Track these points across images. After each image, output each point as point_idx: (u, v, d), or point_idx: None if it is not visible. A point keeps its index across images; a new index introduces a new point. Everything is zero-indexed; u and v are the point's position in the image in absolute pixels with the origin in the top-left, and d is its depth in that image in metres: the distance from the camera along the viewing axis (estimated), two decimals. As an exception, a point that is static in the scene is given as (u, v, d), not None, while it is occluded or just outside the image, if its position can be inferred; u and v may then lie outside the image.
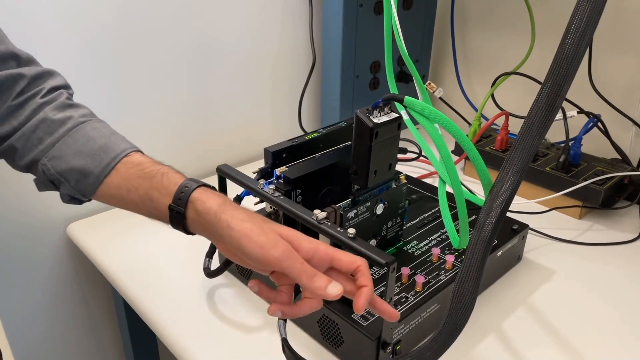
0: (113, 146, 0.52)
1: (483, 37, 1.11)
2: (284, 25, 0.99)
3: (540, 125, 0.52)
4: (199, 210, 0.47)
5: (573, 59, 0.49)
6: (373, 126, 0.53)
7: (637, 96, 0.91)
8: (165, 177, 0.50)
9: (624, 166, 0.86)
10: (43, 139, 0.52)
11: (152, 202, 0.50)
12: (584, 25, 0.48)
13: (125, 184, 0.51)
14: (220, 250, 0.52)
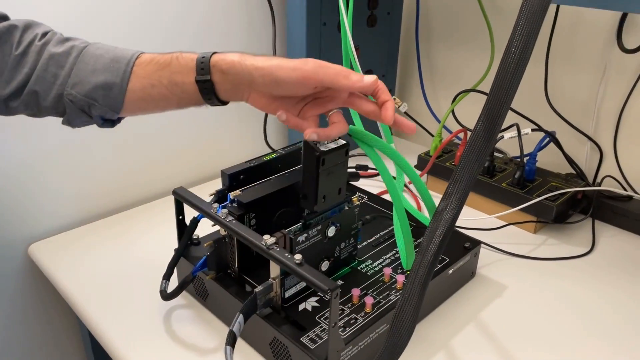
0: (122, 55, 0.55)
1: (447, 52, 1.14)
2: (249, 45, 1.01)
3: (479, 152, 0.54)
4: (223, 69, 0.52)
5: (509, 91, 0.52)
6: (320, 154, 0.54)
7: (592, 112, 0.94)
8: (181, 59, 0.53)
9: (578, 181, 0.89)
10: (57, 73, 0.54)
11: (179, 86, 0.53)
12: (517, 58, 0.51)
13: (148, 82, 0.54)
14: (252, 102, 0.55)
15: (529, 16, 0.50)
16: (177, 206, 0.66)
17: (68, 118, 0.56)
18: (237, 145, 1.07)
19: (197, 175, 1.02)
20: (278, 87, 0.50)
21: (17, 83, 0.53)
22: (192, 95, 0.54)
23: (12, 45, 0.53)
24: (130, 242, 0.82)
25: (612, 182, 0.94)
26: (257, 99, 0.54)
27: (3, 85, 0.53)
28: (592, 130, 0.95)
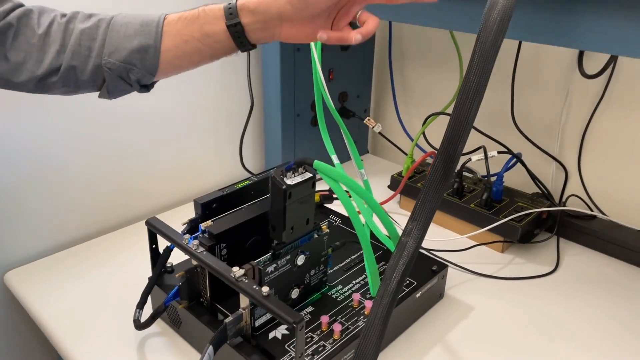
0: (149, 19, 0.57)
1: (420, 73, 1.17)
2: (223, 72, 1.03)
3: (438, 186, 0.57)
4: (251, 8, 0.55)
5: (465, 126, 0.54)
6: (286, 188, 0.56)
7: (557, 133, 0.98)
8: (208, 10, 0.56)
9: (543, 201, 0.92)
10: (91, 46, 0.55)
11: (210, 36, 0.56)
12: (472, 96, 0.54)
13: (181, 38, 0.56)
14: (285, 35, 0.57)
15: (482, 56, 0.53)
16: (151, 236, 0.68)
17: (107, 87, 0.57)
18: (214, 167, 1.09)
19: (174, 198, 1.04)
20: (306, 6, 0.54)
21: (50, 60, 0.55)
22: (225, 42, 0.57)
23: (33, 28, 0.55)
24: (106, 269, 0.83)
25: (577, 201, 0.97)
26: (289, 30, 0.57)
27: (36, 65, 0.54)
28: (557, 151, 0.99)
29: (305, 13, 0.55)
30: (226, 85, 1.04)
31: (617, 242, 0.86)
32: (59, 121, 0.84)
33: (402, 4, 0.58)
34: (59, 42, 0.55)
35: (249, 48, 0.58)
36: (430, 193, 0.57)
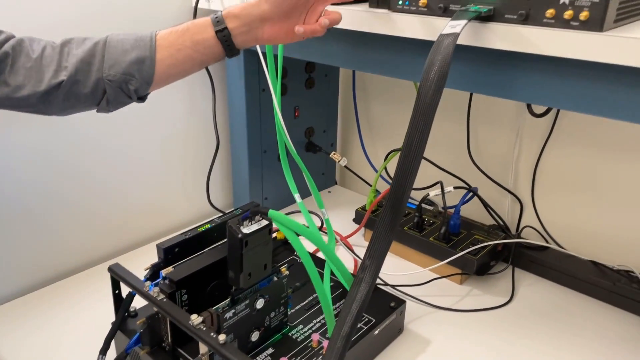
0: (142, 35, 0.63)
1: (383, 109, 1.22)
2: (191, 112, 1.05)
3: (387, 233, 0.60)
4: (235, 13, 0.63)
5: (410, 175, 0.58)
6: (242, 236, 0.59)
7: (511, 167, 1.03)
8: (196, 22, 0.64)
9: (499, 233, 0.97)
10: (92, 62, 0.60)
11: (200, 44, 0.63)
12: (414, 150, 0.57)
13: (174, 47, 0.62)
14: (268, 36, 0.65)
15: (422, 112, 0.57)
16: (113, 282, 0.69)
17: (108, 98, 0.62)
18: (182, 205, 1.11)
19: (142, 235, 1.05)
20: (283, 1, 0.63)
21: (49, 79, 0.58)
22: (214, 48, 0.63)
23: (28, 54, 0.59)
24: (69, 314, 0.83)
25: (533, 232, 1.02)
26: (270, 30, 0.64)
27: (37, 85, 0.58)
28: (511, 184, 1.03)
29: (281, 9, 0.63)
30: (193, 124, 1.07)
31: (568, 272, 0.90)
32: (16, 161, 0.84)
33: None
34: (55, 63, 0.59)
35: (235, 52, 0.65)
36: (379, 241, 0.60)
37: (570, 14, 0.53)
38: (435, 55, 0.56)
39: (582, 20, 0.53)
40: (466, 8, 0.59)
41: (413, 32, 0.66)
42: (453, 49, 0.56)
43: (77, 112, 0.64)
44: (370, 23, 0.70)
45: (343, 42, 0.77)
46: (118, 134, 0.95)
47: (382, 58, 0.74)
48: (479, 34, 0.60)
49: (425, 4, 0.64)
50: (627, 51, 0.50)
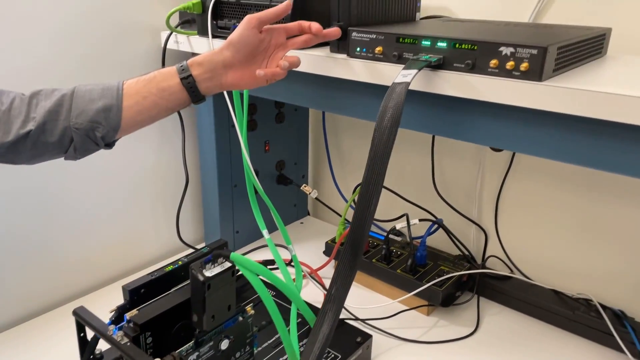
0: (109, 84, 0.64)
1: (352, 142, 1.24)
2: (160, 150, 1.07)
3: (347, 270, 0.62)
4: (199, 61, 0.66)
5: (367, 217, 0.60)
6: (205, 280, 0.60)
7: (475, 198, 1.06)
8: (163, 71, 0.66)
9: (464, 264, 0.99)
10: (59, 111, 0.62)
11: (166, 91, 0.65)
12: (370, 191, 0.60)
13: (140, 95, 0.64)
14: (231, 81, 0.68)
15: (377, 157, 0.59)
16: (78, 325, 0.69)
17: (75, 146, 0.63)
18: (152, 242, 1.11)
19: (113, 272, 1.05)
20: (242, 46, 0.66)
21: (17, 129, 0.60)
22: (179, 94, 0.66)
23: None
24: (32, 357, 0.82)
25: (497, 262, 1.05)
26: (233, 76, 0.67)
27: (5, 136, 0.60)
28: (475, 215, 1.07)
29: (242, 54, 0.66)
30: (163, 160, 1.08)
31: (531, 301, 0.93)
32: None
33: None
34: (24, 114, 0.61)
35: (200, 98, 0.67)
36: (341, 281, 0.62)
37: (512, 64, 0.57)
38: (388, 102, 0.59)
39: (522, 70, 0.56)
40: (417, 57, 0.63)
41: (369, 77, 0.69)
42: (405, 97, 0.59)
43: (45, 161, 0.65)
44: (330, 67, 0.73)
45: (307, 83, 0.80)
46: (85, 170, 0.95)
47: (341, 99, 0.77)
48: (430, 81, 0.63)
49: (381, 52, 0.67)
50: (562, 100, 0.54)
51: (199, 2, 0.87)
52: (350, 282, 0.62)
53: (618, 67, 0.66)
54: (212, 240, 1.14)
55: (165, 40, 0.95)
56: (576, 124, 0.56)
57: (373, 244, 1.06)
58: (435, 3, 0.98)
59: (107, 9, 0.91)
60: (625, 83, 0.56)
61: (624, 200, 0.88)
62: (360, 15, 0.73)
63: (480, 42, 0.58)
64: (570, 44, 0.61)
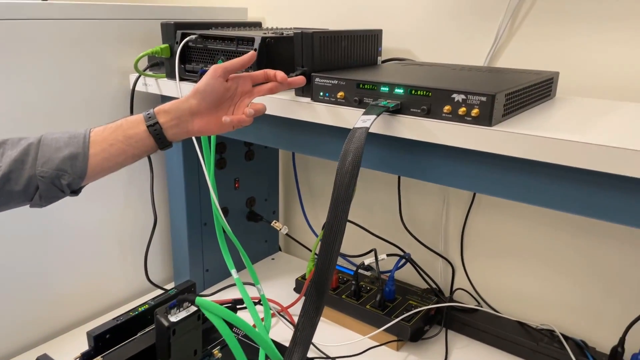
0: (76, 133, 0.65)
1: (322, 177, 1.26)
2: (129, 190, 1.07)
3: (312, 314, 0.62)
4: (166, 109, 0.67)
5: (330, 263, 0.61)
6: (169, 325, 0.60)
7: (440, 231, 1.09)
8: (129, 119, 0.67)
9: (432, 297, 1.01)
10: (25, 160, 0.62)
11: (133, 138, 0.65)
12: (333, 235, 0.61)
13: (106, 143, 0.65)
14: (198, 128, 0.69)
15: (338, 199, 0.61)
16: (40, 375, 0.67)
17: (40, 194, 0.62)
18: (120, 283, 1.10)
19: (75, 318, 1.02)
20: (207, 94, 0.67)
21: None
22: (146, 141, 0.67)
23: None
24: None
25: (465, 294, 1.07)
26: (200, 122, 0.69)
27: None
28: (442, 248, 1.09)
29: (208, 102, 0.68)
30: (131, 199, 1.08)
31: (497, 333, 0.95)
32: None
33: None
34: None
35: (166, 145, 0.68)
36: (305, 325, 0.62)
37: (464, 110, 0.60)
38: (349, 146, 0.62)
39: (473, 116, 0.59)
40: (377, 102, 0.66)
41: (332, 120, 0.71)
42: (364, 141, 0.61)
43: (11, 208, 0.64)
44: (295, 110, 0.75)
45: (274, 125, 0.82)
46: (51, 211, 0.94)
47: (306, 141, 0.79)
48: (390, 125, 0.66)
49: (342, 96, 0.70)
50: (510, 144, 0.57)
51: (167, 46, 0.89)
52: (316, 323, 0.63)
53: (564, 110, 0.70)
54: (181, 279, 1.13)
55: (133, 83, 0.97)
56: (525, 166, 0.59)
57: (343, 280, 1.07)
58: (397, 46, 1.03)
59: (75, 52, 0.92)
60: (569, 127, 0.60)
61: (581, 233, 0.92)
62: (323, 61, 0.76)
63: (434, 89, 0.62)
64: (518, 89, 0.65)
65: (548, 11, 0.86)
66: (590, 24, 0.83)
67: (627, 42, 0.80)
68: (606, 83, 0.83)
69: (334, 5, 1.09)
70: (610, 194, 0.55)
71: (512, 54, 0.91)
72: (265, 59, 0.78)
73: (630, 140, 0.52)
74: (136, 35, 1.00)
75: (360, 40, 0.83)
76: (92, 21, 0.94)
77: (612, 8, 0.80)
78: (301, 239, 1.32)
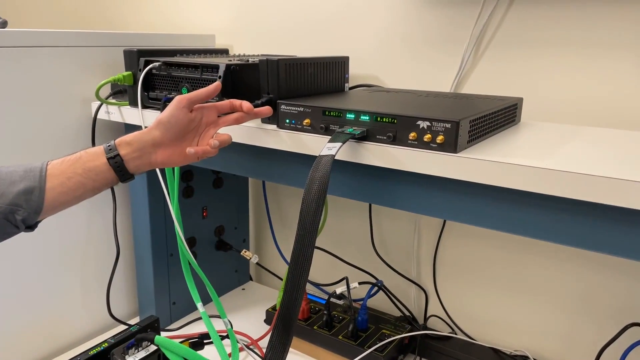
0: (32, 166, 0.61)
1: (293, 202, 1.25)
2: (90, 221, 1.03)
3: (278, 353, 0.60)
4: (128, 141, 0.64)
5: (297, 299, 0.59)
6: (126, 367, 0.56)
7: (413, 257, 1.08)
8: (89, 151, 0.63)
9: (405, 325, 0.99)
10: None
11: (92, 171, 0.62)
12: (301, 264, 0.59)
13: (64, 176, 0.61)
14: (162, 160, 0.66)
15: (304, 227, 0.59)
16: None
17: None
18: (82, 318, 1.04)
19: (32, 356, 0.96)
20: (171, 126, 0.65)
21: None
22: (106, 174, 0.63)
23: None
24: None
25: (439, 321, 1.05)
26: (163, 154, 0.66)
27: None
28: (415, 274, 1.08)
29: (172, 133, 0.66)
30: (93, 232, 1.03)
31: (471, 360, 0.93)
32: None
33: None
34: None
35: (128, 177, 0.65)
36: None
37: (429, 137, 0.60)
38: (315, 173, 0.60)
39: (439, 143, 0.59)
40: (342, 130, 0.65)
41: (298, 147, 0.70)
42: (330, 168, 0.60)
43: None
44: (262, 138, 0.74)
45: (240, 153, 0.81)
46: (7, 243, 0.90)
47: (273, 168, 0.78)
48: (356, 152, 0.65)
49: (309, 124, 0.69)
50: (475, 171, 0.56)
51: (130, 74, 0.87)
52: (283, 358, 0.60)
53: (528, 135, 0.70)
54: (147, 313, 1.08)
55: (95, 110, 0.94)
56: (491, 192, 0.59)
57: (315, 309, 1.04)
58: (364, 72, 1.03)
59: (34, 80, 0.90)
60: (534, 153, 0.60)
61: (552, 257, 0.92)
62: (289, 88, 0.75)
63: (400, 116, 0.61)
64: (483, 115, 0.65)
65: (511, 39, 0.88)
66: (552, 51, 0.84)
67: (585, 69, 0.82)
68: (567, 108, 0.84)
69: (302, 32, 1.10)
70: (576, 220, 0.55)
71: (478, 80, 0.92)
72: (230, 86, 0.77)
73: (594, 166, 0.52)
74: (99, 63, 0.98)
75: (327, 67, 0.83)
76: (53, 48, 0.91)
77: (570, 37, 0.82)
78: (272, 267, 1.29)
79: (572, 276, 0.90)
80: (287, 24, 1.11)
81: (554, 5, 0.83)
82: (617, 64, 0.80)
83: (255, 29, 1.16)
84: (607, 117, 0.81)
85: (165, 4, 1.30)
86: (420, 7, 0.95)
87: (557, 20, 0.83)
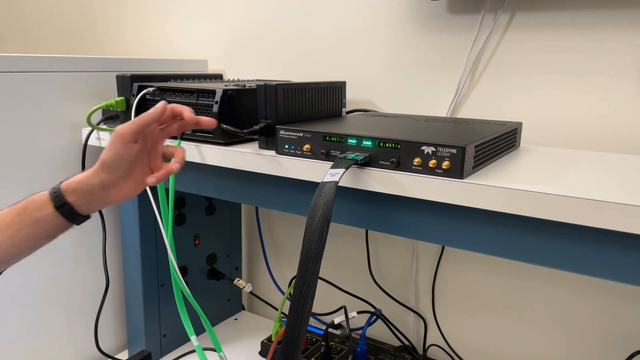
0: None
1: (287, 230, 1.22)
2: (78, 252, 0.99)
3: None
4: (74, 188, 0.59)
5: (301, 330, 0.57)
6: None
7: (412, 284, 1.05)
8: (35, 198, 0.59)
9: (405, 356, 0.96)
10: None
11: (42, 221, 0.58)
12: (304, 294, 0.57)
13: (12, 228, 0.57)
14: (117, 197, 0.62)
15: (308, 257, 0.57)
16: None
17: None
18: (67, 353, 0.99)
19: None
20: (118, 166, 0.60)
21: None
22: (57, 221, 0.59)
23: None
24: None
25: (439, 350, 1.02)
26: (117, 192, 0.62)
27: None
28: (413, 302, 1.05)
29: (121, 171, 0.61)
30: (81, 262, 0.99)
31: (474, 391, 0.90)
32: None
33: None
34: None
35: (83, 219, 0.61)
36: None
37: (434, 163, 0.58)
38: (319, 200, 0.58)
39: (444, 168, 0.58)
40: (345, 155, 0.63)
41: (298, 173, 0.68)
42: (334, 195, 0.58)
43: None
44: (259, 164, 0.72)
45: (235, 179, 0.78)
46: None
47: (271, 195, 0.76)
48: (359, 178, 0.63)
49: (309, 149, 0.68)
50: (483, 197, 0.55)
51: (122, 99, 0.85)
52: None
53: (531, 160, 0.70)
54: (136, 346, 1.04)
55: (86, 137, 0.91)
56: (496, 218, 0.57)
57: (312, 340, 1.01)
58: (359, 97, 1.03)
59: (24, 105, 0.87)
60: (540, 178, 0.59)
61: (554, 285, 0.90)
62: (287, 113, 0.74)
63: (403, 142, 0.60)
64: (487, 140, 0.64)
65: (507, 63, 0.88)
66: (549, 75, 0.85)
67: (582, 93, 0.82)
68: (564, 133, 0.84)
69: (294, 57, 1.09)
70: (583, 246, 0.54)
71: (474, 104, 0.92)
72: (227, 111, 0.75)
73: (601, 192, 0.51)
74: (90, 88, 0.96)
75: (324, 92, 0.82)
76: (42, 74, 0.89)
77: (566, 61, 0.83)
78: (266, 297, 1.26)
79: (576, 303, 0.88)
80: (280, 49, 1.10)
81: (551, 29, 0.83)
82: (614, 89, 0.80)
83: (248, 54, 1.16)
84: (605, 142, 0.81)
85: (157, 30, 1.30)
86: (416, 32, 0.95)
87: (554, 44, 0.84)
